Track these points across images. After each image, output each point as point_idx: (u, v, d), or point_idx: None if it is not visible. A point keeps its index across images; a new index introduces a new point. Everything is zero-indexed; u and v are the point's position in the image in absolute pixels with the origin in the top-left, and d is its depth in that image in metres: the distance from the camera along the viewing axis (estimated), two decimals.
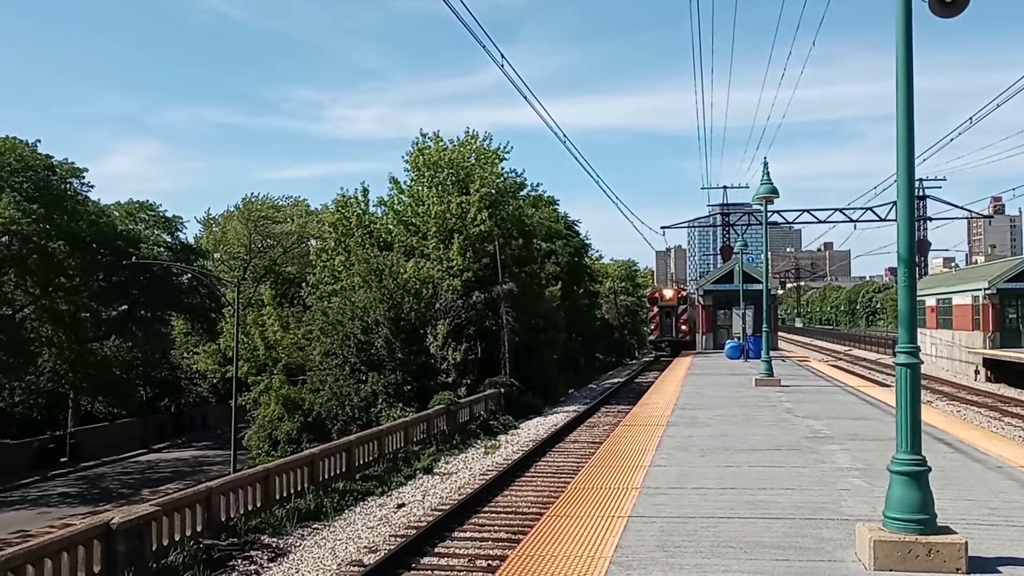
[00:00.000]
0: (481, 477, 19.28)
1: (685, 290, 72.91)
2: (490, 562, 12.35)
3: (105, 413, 56.51)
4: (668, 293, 61.47)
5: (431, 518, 15.28)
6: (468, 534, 14.40)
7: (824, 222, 60.56)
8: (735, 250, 45.12)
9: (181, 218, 62.10)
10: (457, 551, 13.39)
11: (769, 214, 24.43)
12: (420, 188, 39.64)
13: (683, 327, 55.69)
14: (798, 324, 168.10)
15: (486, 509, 16.14)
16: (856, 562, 6.76)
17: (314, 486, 17.66)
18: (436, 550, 13.45)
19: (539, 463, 20.87)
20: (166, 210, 60.74)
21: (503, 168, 41.27)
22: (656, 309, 58.14)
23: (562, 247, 54.51)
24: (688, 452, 12.32)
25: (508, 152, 40.79)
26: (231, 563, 13.40)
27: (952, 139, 37.87)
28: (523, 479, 18.93)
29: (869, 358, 63.08)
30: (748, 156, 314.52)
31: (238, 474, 17.56)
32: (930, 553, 6.45)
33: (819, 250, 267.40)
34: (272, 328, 40.83)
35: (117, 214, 57.18)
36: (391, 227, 39.86)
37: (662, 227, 69.94)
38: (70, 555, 11.57)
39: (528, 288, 39.27)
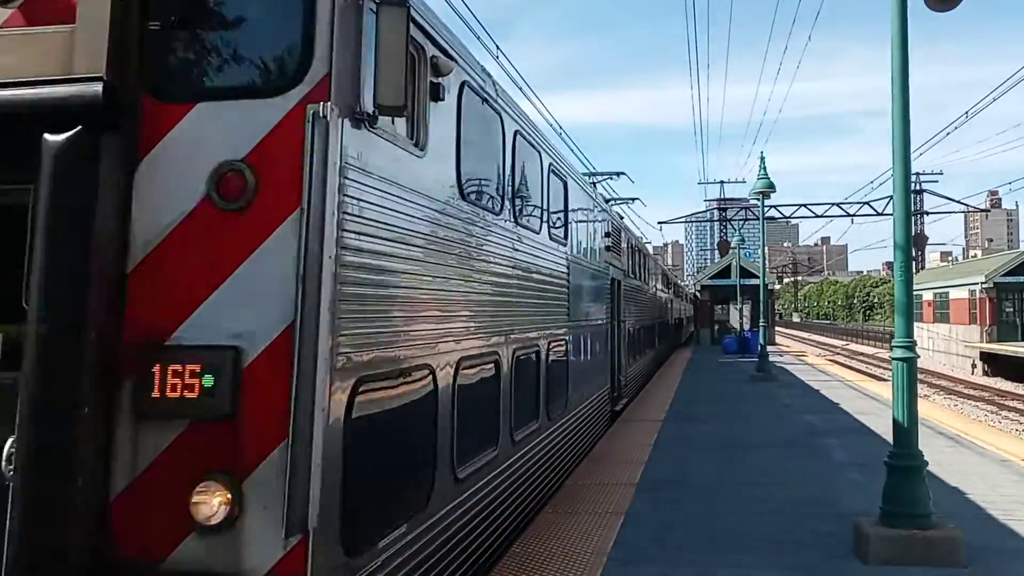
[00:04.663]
0: None
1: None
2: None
3: None
4: None
5: None
6: None
7: (821, 216, 60.29)
8: (732, 245, 45.13)
9: None
10: None
11: (766, 209, 24.42)
12: None
13: None
14: (795, 319, 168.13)
15: None
16: (854, 557, 6.76)
17: None
18: None
19: None
20: None
21: None
22: None
23: None
24: (685, 447, 12.31)
25: None
26: None
27: (948, 133, 37.98)
28: None
29: (866, 352, 63.13)
30: (745, 151, 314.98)
31: None
32: (927, 546, 6.46)
33: (816, 244, 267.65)
34: None
35: None
36: None
37: (659, 222, 68.95)
38: None
39: None
